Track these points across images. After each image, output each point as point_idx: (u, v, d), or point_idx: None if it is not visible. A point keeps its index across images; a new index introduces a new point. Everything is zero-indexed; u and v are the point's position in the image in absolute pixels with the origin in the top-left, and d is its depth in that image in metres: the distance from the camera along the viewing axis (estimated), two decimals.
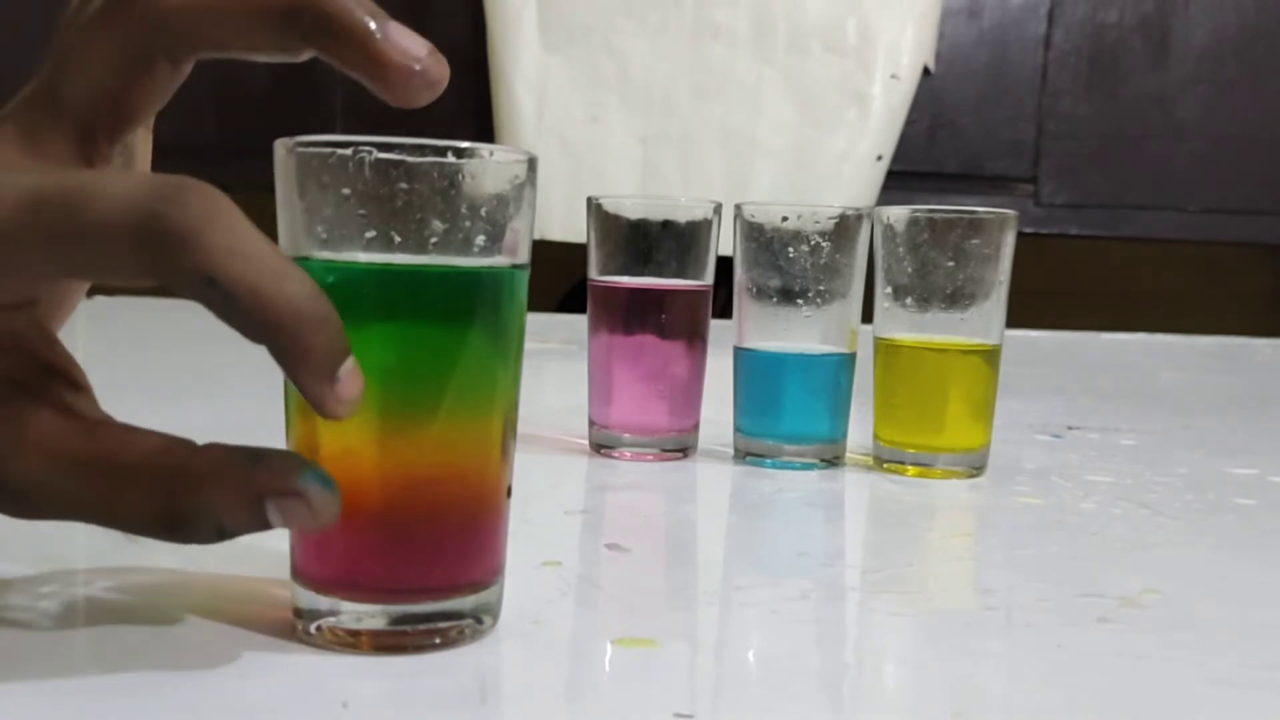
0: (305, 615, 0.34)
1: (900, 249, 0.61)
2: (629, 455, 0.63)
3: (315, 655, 0.32)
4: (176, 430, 0.30)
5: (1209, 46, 1.80)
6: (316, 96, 1.79)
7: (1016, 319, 0.67)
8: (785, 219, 0.60)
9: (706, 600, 0.41)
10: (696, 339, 0.64)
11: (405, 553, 0.33)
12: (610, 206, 0.63)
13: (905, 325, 0.61)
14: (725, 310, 0.65)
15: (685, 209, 0.62)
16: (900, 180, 1.75)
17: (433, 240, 0.32)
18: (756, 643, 0.37)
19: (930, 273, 0.60)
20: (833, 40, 1.72)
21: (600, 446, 0.64)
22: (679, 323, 0.63)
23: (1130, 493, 0.59)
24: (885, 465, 0.62)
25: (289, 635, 0.34)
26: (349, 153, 0.31)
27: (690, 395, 0.64)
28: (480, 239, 0.33)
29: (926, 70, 1.75)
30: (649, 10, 1.72)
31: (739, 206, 0.62)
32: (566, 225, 1.62)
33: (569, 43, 1.72)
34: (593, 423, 0.65)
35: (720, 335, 0.65)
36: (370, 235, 0.32)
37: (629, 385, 0.63)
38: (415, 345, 0.33)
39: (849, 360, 0.62)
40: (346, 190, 0.32)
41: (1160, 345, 1.41)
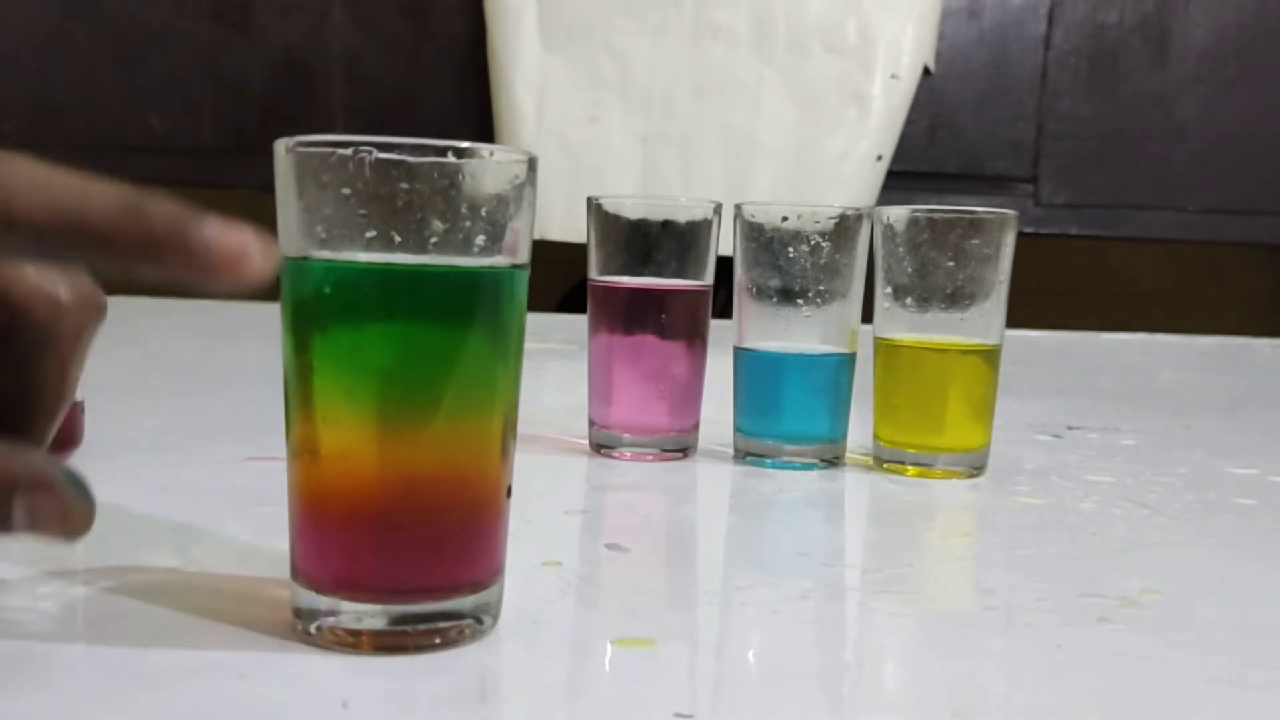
0: (305, 615, 0.34)
1: (900, 249, 0.61)
2: (629, 455, 0.63)
3: (315, 655, 0.32)
4: (176, 430, 0.30)
5: (1209, 46, 1.80)
6: (316, 96, 1.79)
7: (1016, 319, 0.67)
8: (785, 219, 0.60)
9: (706, 600, 0.41)
10: (696, 339, 0.63)
11: (405, 553, 0.33)
12: (610, 206, 0.63)
13: (905, 325, 0.61)
14: (725, 310, 0.65)
15: (685, 209, 0.62)
16: (900, 180, 1.75)
17: (433, 240, 0.32)
18: (756, 643, 0.37)
19: (930, 273, 0.60)
20: (833, 40, 1.72)
21: (600, 446, 0.64)
22: (679, 323, 0.63)
23: (1130, 493, 0.59)
24: (885, 465, 0.62)
25: (289, 635, 0.34)
26: (349, 153, 0.31)
27: (690, 395, 0.64)
28: (480, 239, 0.33)
29: (926, 70, 1.75)
30: (649, 10, 1.72)
31: (739, 206, 0.62)
32: (566, 225, 1.62)
33: (569, 43, 1.72)
34: (593, 423, 0.65)
35: (720, 335, 0.65)
36: (370, 235, 0.32)
37: (629, 385, 0.63)
38: (415, 345, 0.33)
39: (849, 360, 0.62)
40: (346, 190, 0.32)
41: (1160, 345, 1.41)
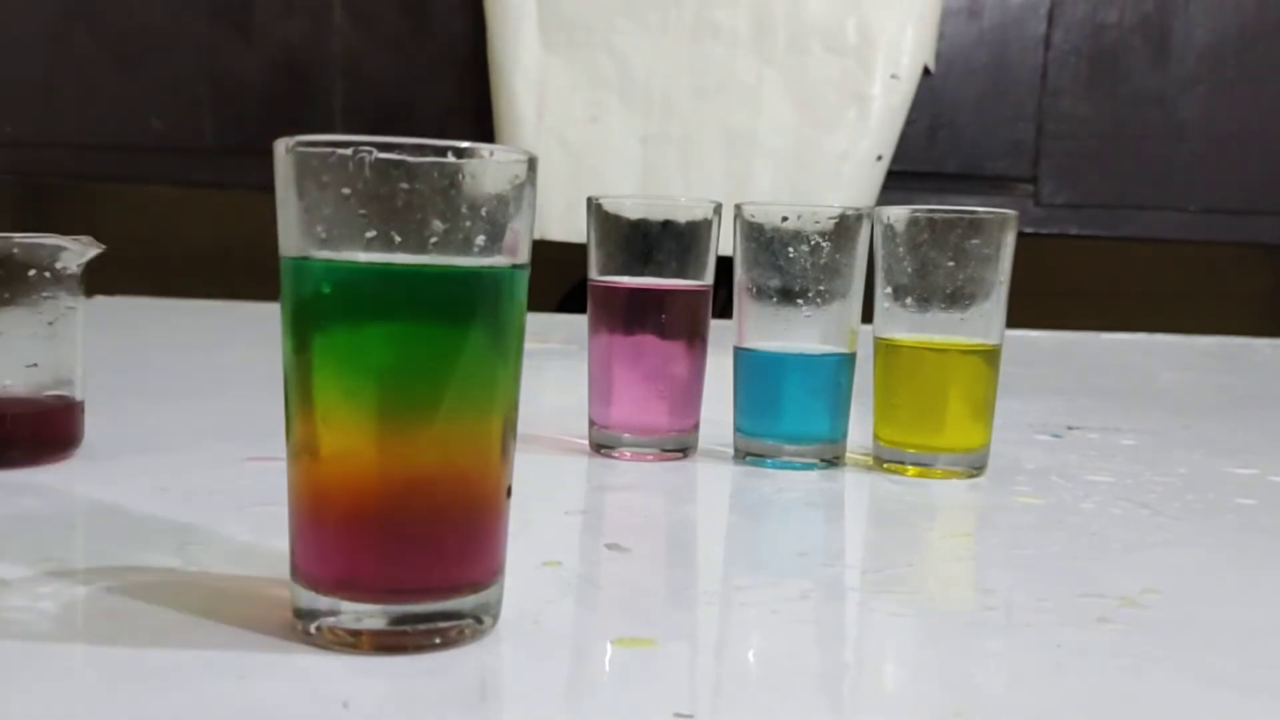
0: (305, 615, 0.34)
1: (900, 249, 0.61)
2: (629, 455, 0.63)
3: (315, 655, 0.32)
4: (176, 430, 0.30)
5: (1209, 46, 1.80)
6: (316, 96, 1.79)
7: (1016, 319, 0.67)
8: (785, 219, 0.60)
9: (706, 600, 0.41)
10: (696, 339, 0.63)
11: (405, 553, 0.33)
12: (610, 206, 0.63)
13: (905, 325, 0.61)
14: (725, 310, 0.65)
15: (685, 209, 0.62)
16: (900, 180, 1.74)
17: (433, 240, 0.32)
18: (756, 643, 0.37)
19: (930, 273, 0.60)
20: (833, 40, 1.71)
21: (600, 446, 0.64)
22: (679, 323, 0.63)
23: (1130, 493, 0.59)
24: (885, 465, 0.62)
25: (289, 635, 0.34)
26: (349, 153, 0.31)
27: (690, 395, 0.64)
28: (480, 239, 0.33)
29: (926, 70, 1.75)
30: (649, 10, 1.72)
31: (739, 206, 0.62)
32: (566, 225, 1.62)
33: (569, 43, 1.72)
34: (593, 423, 0.65)
35: (720, 335, 0.65)
36: (370, 235, 0.32)
37: (629, 385, 0.63)
38: (415, 345, 0.33)
39: (849, 360, 0.62)
40: (346, 190, 0.32)
41: (1160, 345, 1.41)
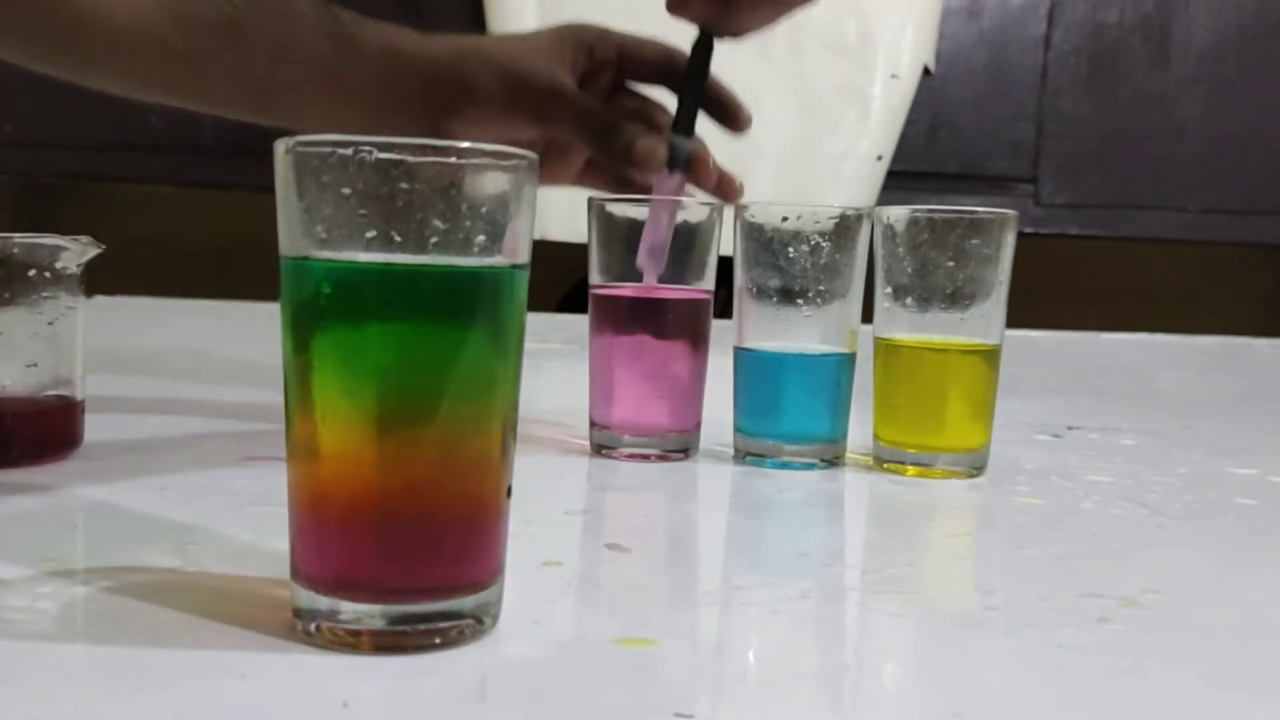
0: (305, 615, 0.34)
1: (900, 249, 0.61)
2: (629, 456, 0.63)
3: (315, 655, 0.32)
4: (176, 430, 0.30)
5: (1209, 46, 1.80)
6: None
7: (1016, 319, 0.67)
8: (785, 219, 0.60)
9: (706, 600, 0.41)
10: (698, 341, 0.63)
11: (405, 553, 0.33)
12: (611, 206, 0.63)
13: (905, 325, 0.61)
14: (725, 310, 0.65)
15: (686, 209, 0.62)
16: (900, 180, 1.75)
17: (433, 240, 0.32)
18: (756, 643, 0.37)
19: (930, 273, 0.60)
20: (833, 40, 1.71)
21: (601, 447, 0.64)
22: (680, 325, 0.63)
23: (1130, 493, 0.59)
24: (885, 465, 0.62)
25: (289, 635, 0.34)
26: (349, 153, 0.31)
27: (691, 396, 0.64)
28: (480, 239, 0.33)
29: (926, 70, 1.75)
30: (649, 10, 1.71)
31: (739, 207, 0.62)
32: (566, 225, 1.62)
33: None
34: (593, 423, 0.64)
35: (720, 335, 0.65)
36: (370, 235, 0.32)
37: (630, 386, 0.63)
38: (415, 345, 0.33)
39: (849, 360, 0.62)
40: (346, 190, 0.32)
41: (1160, 345, 1.41)
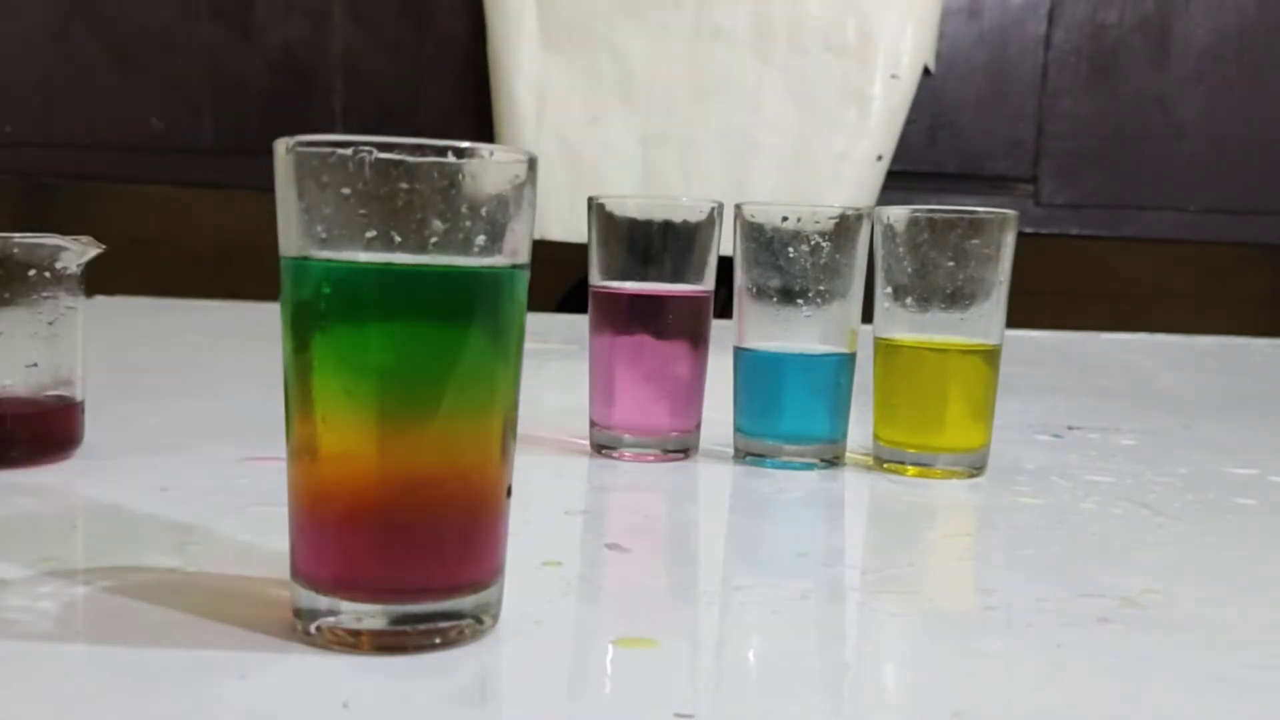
0: (305, 615, 0.34)
1: (900, 249, 0.61)
2: (630, 456, 0.63)
3: (315, 655, 0.32)
4: (176, 430, 0.30)
5: (1209, 46, 1.80)
6: (316, 97, 1.79)
7: (1016, 319, 0.67)
8: (785, 219, 0.60)
9: (706, 600, 0.41)
10: (698, 340, 0.63)
11: (405, 553, 0.33)
12: (611, 206, 0.63)
13: (905, 325, 0.61)
14: (725, 310, 0.65)
15: (686, 209, 0.62)
16: (900, 180, 1.74)
17: (433, 240, 0.32)
18: (756, 643, 0.37)
19: (930, 273, 0.60)
20: (833, 40, 1.71)
21: (601, 447, 0.64)
22: (680, 325, 0.63)
23: (1130, 493, 0.59)
24: (885, 465, 0.62)
25: (289, 635, 0.34)
26: (349, 153, 0.31)
27: (691, 396, 0.64)
28: (480, 239, 0.33)
29: (926, 70, 1.75)
30: (649, 10, 1.72)
31: (739, 206, 0.62)
32: (566, 225, 1.62)
33: (569, 43, 1.72)
34: (594, 423, 0.65)
35: (720, 335, 0.65)
36: (370, 235, 0.32)
37: (630, 386, 0.63)
38: (415, 345, 0.33)
39: (849, 360, 0.62)
40: (346, 190, 0.32)
41: (1160, 345, 1.41)
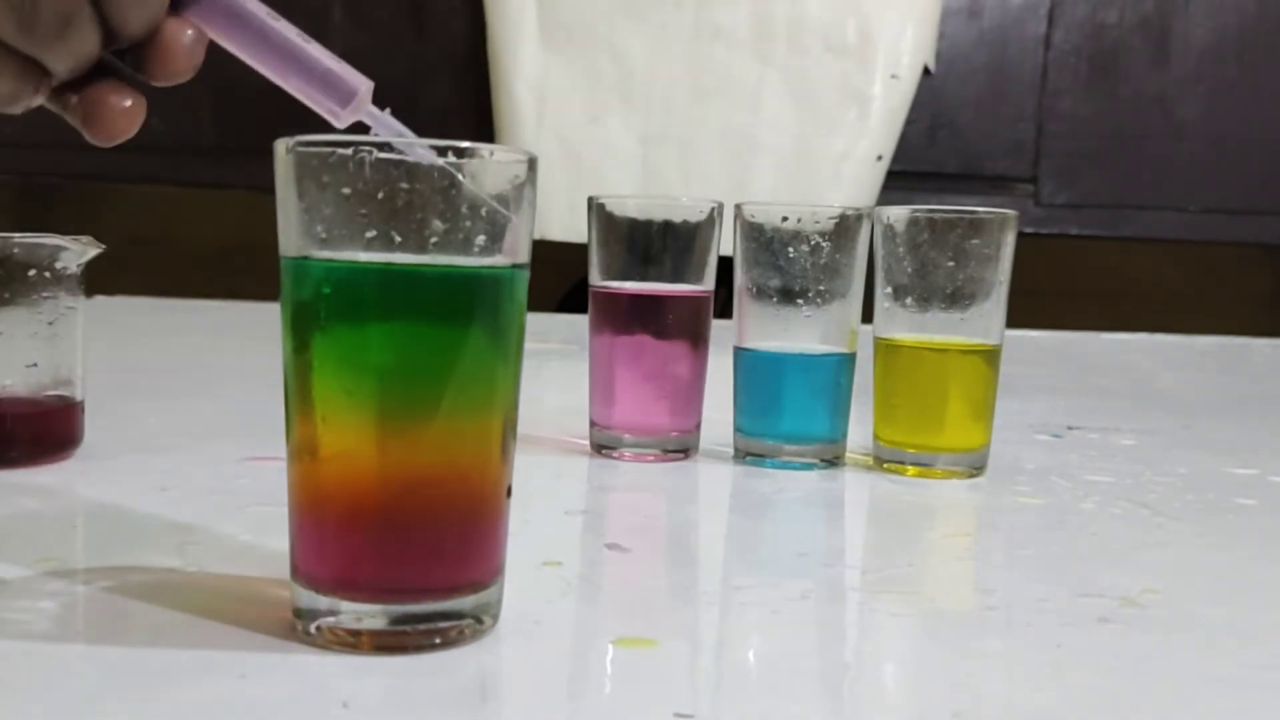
0: (305, 615, 0.34)
1: (900, 249, 0.61)
2: (630, 456, 0.63)
3: (315, 655, 0.32)
4: (176, 430, 0.30)
5: (1209, 46, 1.80)
6: None
7: (1016, 319, 0.67)
8: (785, 219, 0.60)
9: (706, 600, 0.41)
10: (698, 340, 0.63)
11: (405, 553, 0.33)
12: (611, 206, 0.63)
13: (905, 325, 0.61)
14: (725, 310, 0.65)
15: (686, 209, 0.62)
16: (900, 180, 1.74)
17: (433, 240, 0.32)
18: (756, 643, 0.37)
19: (930, 273, 0.60)
20: (833, 40, 1.71)
21: (601, 447, 0.64)
22: (680, 325, 0.63)
23: (1130, 493, 0.59)
24: (885, 465, 0.62)
25: (289, 635, 0.34)
26: (349, 153, 0.31)
27: (692, 396, 0.64)
28: (480, 239, 0.33)
29: (926, 70, 1.75)
30: (649, 10, 1.72)
31: (739, 206, 0.62)
32: (566, 225, 1.62)
33: (569, 43, 1.71)
34: (594, 423, 0.64)
35: (720, 335, 0.65)
36: (370, 235, 0.32)
37: (630, 386, 0.63)
38: (415, 345, 0.33)
39: (849, 360, 0.62)
40: (346, 190, 0.32)
41: (1160, 345, 1.41)
